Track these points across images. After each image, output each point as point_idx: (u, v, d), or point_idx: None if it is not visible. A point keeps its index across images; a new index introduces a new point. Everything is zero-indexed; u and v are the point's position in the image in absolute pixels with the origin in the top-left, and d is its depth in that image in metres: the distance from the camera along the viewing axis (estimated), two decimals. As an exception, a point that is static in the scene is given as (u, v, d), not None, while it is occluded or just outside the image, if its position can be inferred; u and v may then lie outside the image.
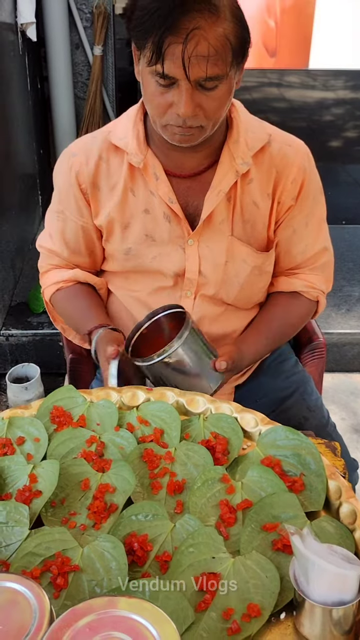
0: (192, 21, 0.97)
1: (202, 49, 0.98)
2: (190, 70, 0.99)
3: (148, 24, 0.99)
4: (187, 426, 1.04)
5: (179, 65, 0.99)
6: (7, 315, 2.56)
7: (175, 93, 1.03)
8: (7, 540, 0.84)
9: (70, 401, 1.08)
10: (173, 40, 0.98)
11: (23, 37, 2.73)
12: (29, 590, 0.62)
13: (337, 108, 4.12)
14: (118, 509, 0.89)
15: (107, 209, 1.24)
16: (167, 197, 1.20)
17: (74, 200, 1.26)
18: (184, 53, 0.98)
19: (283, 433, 0.99)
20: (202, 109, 1.05)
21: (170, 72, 1.01)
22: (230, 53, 1.02)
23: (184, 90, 1.02)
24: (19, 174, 2.84)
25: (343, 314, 2.66)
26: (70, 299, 1.34)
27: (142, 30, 1.01)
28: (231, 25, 1.01)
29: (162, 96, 1.05)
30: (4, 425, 1.03)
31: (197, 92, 1.03)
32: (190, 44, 0.97)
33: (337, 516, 0.89)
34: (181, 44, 0.97)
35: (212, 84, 1.03)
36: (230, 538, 0.86)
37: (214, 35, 0.99)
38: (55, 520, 0.89)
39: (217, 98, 1.05)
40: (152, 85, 1.05)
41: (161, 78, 1.02)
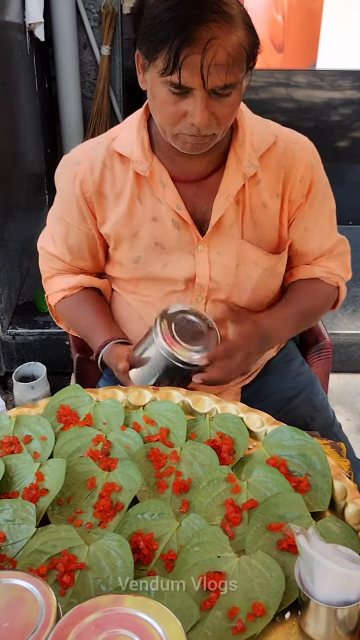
0: (209, 31, 0.97)
1: (220, 59, 0.98)
2: (208, 80, 0.99)
3: (162, 34, 0.99)
4: (193, 426, 1.04)
5: (197, 75, 0.98)
6: (14, 314, 2.57)
7: (190, 102, 1.02)
8: (14, 537, 0.85)
9: (76, 400, 1.08)
10: (191, 51, 0.97)
11: (31, 36, 2.73)
12: (36, 587, 0.62)
13: (344, 108, 4.11)
14: (124, 508, 0.89)
15: (113, 218, 1.23)
16: (175, 204, 1.19)
17: (77, 209, 1.25)
18: (203, 63, 0.97)
19: (289, 433, 0.99)
20: (215, 117, 1.05)
21: (187, 83, 1.00)
22: (245, 60, 1.03)
23: (199, 100, 1.01)
24: (26, 173, 2.85)
25: (349, 315, 2.66)
26: (77, 308, 1.34)
27: (154, 40, 1.00)
28: (245, 33, 1.01)
29: (175, 105, 1.04)
30: (11, 423, 1.04)
31: (211, 101, 1.02)
32: (209, 54, 0.97)
33: (343, 516, 0.89)
34: (199, 54, 0.97)
35: (226, 91, 1.02)
36: (235, 537, 0.86)
37: (230, 44, 0.99)
38: (61, 519, 0.89)
39: (229, 105, 1.05)
40: (163, 95, 1.04)
41: (176, 88, 1.01)
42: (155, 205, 1.20)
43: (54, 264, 1.35)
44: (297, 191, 1.22)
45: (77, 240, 1.29)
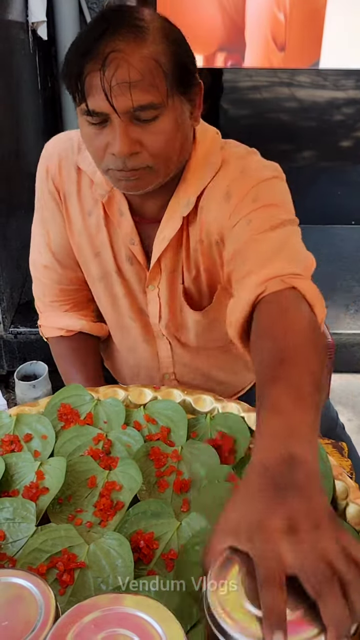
0: (109, 44, 0.86)
1: (123, 75, 0.86)
2: (115, 101, 0.88)
3: (69, 58, 0.90)
4: (193, 425, 1.04)
5: (102, 98, 0.87)
6: (16, 314, 2.57)
7: (109, 131, 0.92)
8: (14, 536, 0.85)
9: (77, 399, 1.08)
10: (91, 69, 0.87)
11: (34, 35, 2.74)
12: (35, 586, 0.62)
13: (347, 108, 4.11)
14: (124, 507, 0.89)
15: (79, 228, 1.16)
16: (129, 237, 1.11)
17: (54, 206, 1.17)
18: (103, 81, 0.86)
19: (290, 433, 0.99)
20: (143, 146, 0.93)
21: (97, 107, 0.89)
22: (164, 78, 0.90)
23: (116, 126, 0.90)
24: (28, 172, 2.85)
25: (352, 315, 2.65)
26: (72, 357, 1.28)
27: (65, 67, 0.91)
28: (162, 47, 0.90)
29: (97, 138, 0.94)
30: (11, 422, 1.03)
31: (133, 127, 0.91)
32: (109, 70, 0.86)
33: (344, 517, 0.88)
34: (99, 71, 0.86)
35: (148, 114, 0.90)
36: (236, 537, 0.86)
37: (137, 57, 0.87)
38: (61, 517, 0.89)
39: (159, 132, 0.92)
40: (85, 128, 0.95)
41: (90, 116, 0.91)
42: (115, 233, 1.14)
43: (50, 275, 1.25)
44: (235, 217, 1.02)
45: (60, 242, 1.20)
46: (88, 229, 1.16)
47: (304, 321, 0.83)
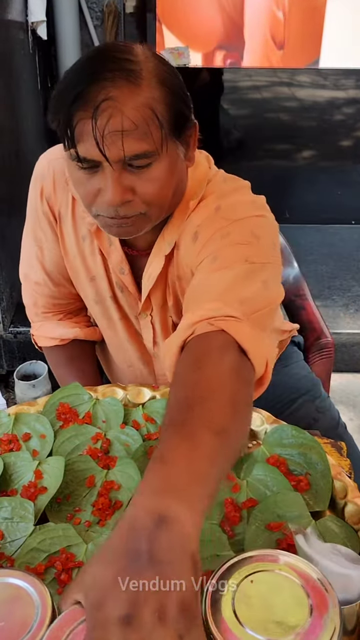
0: (102, 91, 0.81)
1: (115, 124, 0.82)
2: (107, 150, 0.83)
3: (58, 101, 0.85)
4: (192, 424, 1.04)
5: (93, 145, 0.83)
6: (15, 313, 2.57)
7: (101, 178, 0.88)
8: (12, 535, 0.85)
9: (76, 398, 1.08)
10: (82, 116, 0.82)
11: (33, 35, 2.74)
12: (32, 586, 0.62)
13: (348, 107, 4.10)
14: (123, 506, 0.89)
15: (74, 252, 1.13)
16: (119, 267, 1.08)
17: (48, 227, 1.13)
18: (95, 130, 0.82)
19: (289, 432, 0.99)
20: (135, 194, 0.89)
21: (88, 155, 0.85)
22: (158, 126, 0.85)
23: (108, 174, 0.86)
24: (29, 172, 2.85)
25: (352, 314, 2.65)
26: (66, 364, 1.26)
27: (53, 109, 0.86)
28: (157, 94, 0.85)
29: (88, 183, 0.89)
30: (10, 421, 1.03)
31: (125, 174, 0.87)
32: (101, 118, 0.82)
33: (342, 516, 0.88)
34: (91, 119, 0.82)
35: (141, 162, 0.86)
36: (234, 536, 0.86)
37: (131, 105, 0.83)
38: (60, 517, 0.89)
39: (152, 179, 0.89)
40: (74, 172, 0.90)
41: (80, 162, 0.87)
42: (106, 260, 1.11)
43: (39, 299, 1.24)
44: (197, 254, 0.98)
45: (54, 263, 1.17)
46: (82, 253, 1.13)
47: (222, 366, 0.76)
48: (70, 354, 1.28)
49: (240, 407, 0.72)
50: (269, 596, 0.61)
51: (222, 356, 0.77)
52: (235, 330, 0.80)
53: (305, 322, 1.53)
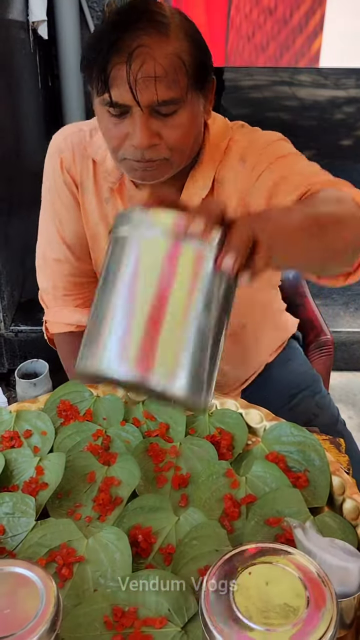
0: (136, 39, 0.88)
1: (149, 69, 0.89)
2: (139, 94, 0.90)
3: (92, 49, 0.92)
4: (192, 421, 1.04)
5: (126, 90, 0.90)
6: (17, 312, 2.58)
7: (129, 122, 0.94)
8: (14, 530, 0.86)
9: (77, 395, 1.09)
10: (117, 61, 0.89)
11: (34, 35, 2.74)
12: (36, 575, 0.63)
13: (348, 107, 4.10)
14: (123, 502, 0.90)
15: (95, 218, 1.17)
16: None
17: (69, 196, 1.18)
18: (129, 75, 0.89)
19: (288, 429, 1.00)
20: (161, 139, 0.95)
21: (120, 99, 0.92)
22: (185, 75, 0.93)
23: (137, 118, 0.93)
24: (29, 171, 2.86)
25: (352, 313, 2.66)
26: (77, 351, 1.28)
27: (87, 58, 0.94)
28: (185, 44, 0.92)
29: (116, 127, 0.96)
30: (11, 418, 1.04)
31: (153, 120, 0.94)
32: (135, 64, 0.89)
33: (341, 512, 0.89)
34: (125, 64, 0.88)
35: (168, 109, 0.93)
36: (233, 532, 0.87)
37: (162, 53, 0.90)
38: (61, 512, 0.90)
39: (177, 125, 0.95)
40: (104, 118, 0.97)
41: (112, 107, 0.93)
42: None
43: (62, 269, 1.24)
44: (249, 179, 1.06)
45: (74, 234, 1.21)
46: (105, 217, 1.17)
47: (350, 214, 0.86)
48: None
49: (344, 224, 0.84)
50: (267, 588, 0.62)
51: (349, 210, 0.86)
52: (343, 188, 0.93)
53: (305, 319, 1.54)
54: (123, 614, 0.74)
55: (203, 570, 0.79)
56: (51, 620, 0.60)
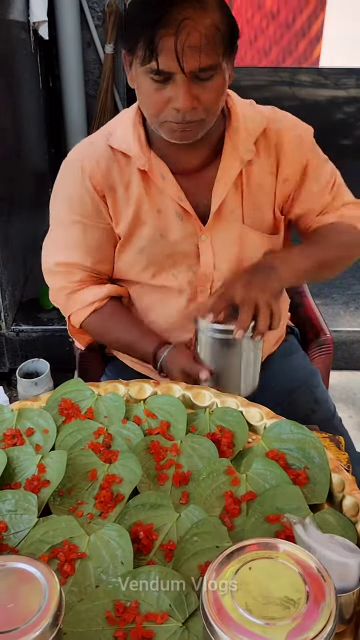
0: (181, 12, 0.98)
1: (194, 39, 0.99)
2: (185, 62, 1.00)
3: (137, 23, 1.01)
4: (193, 419, 1.05)
5: (173, 59, 0.99)
6: (18, 311, 2.59)
7: (172, 88, 1.03)
8: (16, 527, 0.86)
9: (78, 394, 1.10)
10: (164, 33, 0.98)
11: (35, 35, 2.75)
12: (39, 570, 0.64)
13: (348, 106, 4.11)
14: (124, 499, 0.90)
15: (126, 214, 1.23)
16: (177, 195, 1.20)
17: (91, 205, 1.23)
18: (177, 45, 0.98)
19: (288, 427, 1.00)
20: (199, 102, 1.05)
21: (166, 67, 1.01)
22: (221, 43, 1.03)
23: (180, 84, 1.02)
24: (30, 172, 2.87)
25: (352, 312, 2.66)
26: (111, 319, 1.29)
27: (131, 30, 1.02)
28: (219, 15, 1.02)
29: (158, 93, 1.05)
30: (13, 416, 1.05)
31: (193, 85, 1.03)
32: (182, 35, 0.98)
33: (340, 509, 0.90)
34: (173, 35, 0.98)
35: (207, 74, 1.03)
36: (234, 528, 0.87)
37: (203, 24, 0.99)
38: (62, 509, 0.90)
39: (213, 89, 1.06)
40: (146, 84, 1.05)
41: (156, 74, 1.02)
42: (159, 197, 1.22)
43: (73, 277, 1.29)
44: (292, 169, 1.23)
45: (96, 239, 1.26)
46: (133, 207, 1.22)
47: (352, 244, 1.29)
48: (112, 309, 1.30)
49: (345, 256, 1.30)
50: (267, 583, 0.63)
51: (352, 240, 1.28)
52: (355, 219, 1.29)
53: (305, 318, 1.55)
54: (125, 609, 0.75)
55: (204, 566, 0.80)
56: (54, 615, 0.61)
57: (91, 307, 1.29)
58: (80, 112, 3.19)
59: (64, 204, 1.27)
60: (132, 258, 1.28)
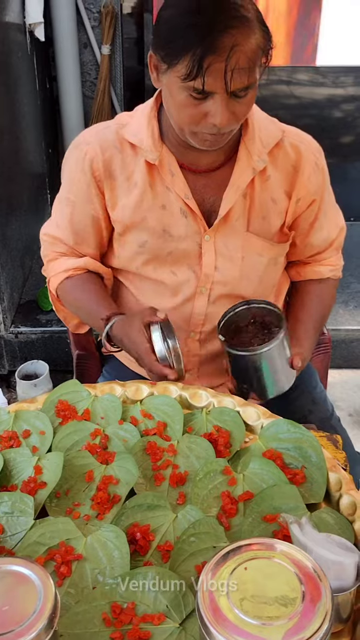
0: (231, 38, 0.99)
1: (242, 63, 1.01)
2: (231, 84, 1.02)
3: (183, 41, 1.00)
4: (190, 419, 1.05)
5: (220, 80, 1.01)
6: (16, 313, 2.59)
7: (211, 104, 1.05)
8: (13, 529, 0.86)
9: (75, 395, 1.09)
10: (215, 60, 0.99)
11: (31, 37, 2.75)
12: (34, 573, 0.64)
13: (347, 105, 4.10)
14: (121, 500, 0.90)
15: (124, 202, 1.24)
16: (183, 193, 1.21)
17: (86, 188, 1.24)
18: (226, 69, 1.00)
19: (285, 426, 1.00)
20: (235, 116, 1.08)
21: (211, 88, 1.02)
22: (261, 62, 1.06)
23: (220, 102, 1.04)
24: (28, 173, 2.87)
25: (351, 311, 2.66)
26: (81, 287, 1.31)
27: (174, 47, 1.02)
28: (261, 34, 1.04)
29: (194, 107, 1.06)
30: (10, 418, 1.05)
31: (231, 101, 1.05)
32: (232, 61, 1.00)
33: (337, 508, 0.90)
34: (223, 62, 0.99)
35: (245, 92, 1.06)
36: (231, 528, 0.87)
37: (249, 48, 1.01)
38: (59, 511, 0.90)
39: (248, 103, 1.09)
40: (182, 97, 1.06)
41: (198, 93, 1.04)
42: (165, 193, 1.22)
43: (55, 247, 1.34)
44: (306, 191, 1.25)
45: (82, 222, 1.28)
46: (135, 198, 1.22)
47: (334, 299, 1.44)
48: (83, 280, 1.32)
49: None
50: (263, 583, 0.63)
51: (335, 294, 1.43)
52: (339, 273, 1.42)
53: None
54: (121, 610, 0.75)
55: (201, 567, 0.79)
56: (49, 617, 0.61)
57: (65, 274, 1.32)
58: (77, 113, 3.19)
59: (65, 181, 1.30)
60: (133, 250, 1.27)
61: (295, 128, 1.28)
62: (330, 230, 1.34)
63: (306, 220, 1.29)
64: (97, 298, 1.30)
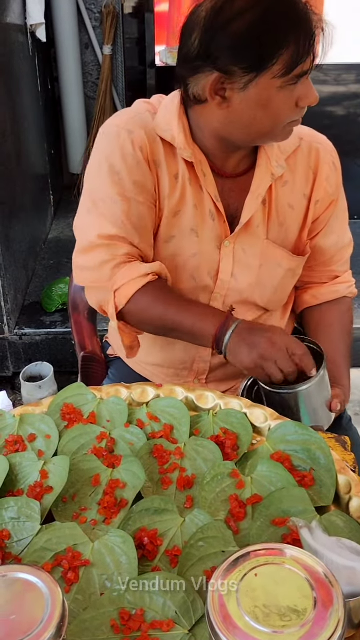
0: (314, 16, 1.06)
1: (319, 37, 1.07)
2: (317, 57, 1.08)
3: (279, 36, 1.02)
4: (196, 422, 1.04)
5: (308, 64, 1.06)
6: (21, 315, 2.58)
7: (300, 88, 1.08)
8: (19, 535, 0.85)
9: (80, 398, 1.09)
10: (318, 34, 1.06)
11: (33, 38, 2.74)
12: (42, 581, 0.63)
13: (349, 102, 4.09)
14: (128, 504, 0.89)
15: (167, 192, 1.19)
16: (214, 194, 1.20)
17: (141, 177, 1.16)
18: (317, 45, 1.06)
19: (292, 428, 0.99)
20: None
21: (308, 66, 1.06)
22: None
23: (308, 80, 1.08)
24: (30, 174, 2.86)
25: (355, 309, 2.64)
26: (168, 293, 1.18)
27: (273, 45, 1.03)
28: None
29: (291, 98, 1.08)
30: (15, 422, 1.04)
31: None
32: (319, 36, 1.07)
33: (347, 510, 0.89)
34: (319, 35, 1.06)
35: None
36: (240, 532, 0.86)
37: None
38: (66, 516, 0.89)
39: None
40: (281, 96, 1.07)
41: (299, 77, 1.06)
42: (199, 192, 1.21)
43: (118, 250, 1.16)
44: (325, 192, 1.26)
45: (140, 216, 1.17)
46: (174, 190, 1.20)
47: (353, 319, 1.49)
48: (164, 285, 1.19)
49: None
50: (273, 589, 0.62)
51: (353, 313, 1.48)
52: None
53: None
54: (130, 617, 0.74)
55: (210, 572, 0.78)
56: (57, 626, 0.60)
57: (146, 278, 1.15)
58: (79, 114, 3.19)
59: (107, 176, 1.16)
60: (159, 246, 1.22)
61: (310, 128, 1.28)
62: (340, 235, 1.33)
63: (322, 222, 1.29)
64: (190, 306, 1.18)
